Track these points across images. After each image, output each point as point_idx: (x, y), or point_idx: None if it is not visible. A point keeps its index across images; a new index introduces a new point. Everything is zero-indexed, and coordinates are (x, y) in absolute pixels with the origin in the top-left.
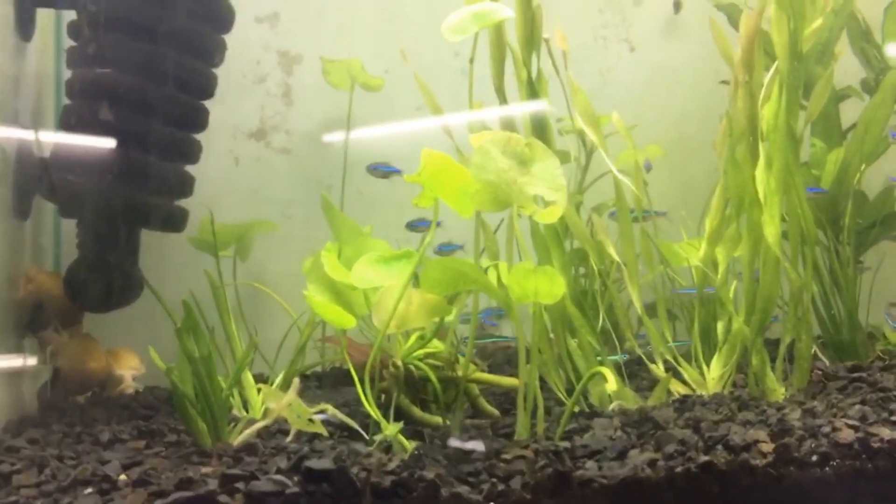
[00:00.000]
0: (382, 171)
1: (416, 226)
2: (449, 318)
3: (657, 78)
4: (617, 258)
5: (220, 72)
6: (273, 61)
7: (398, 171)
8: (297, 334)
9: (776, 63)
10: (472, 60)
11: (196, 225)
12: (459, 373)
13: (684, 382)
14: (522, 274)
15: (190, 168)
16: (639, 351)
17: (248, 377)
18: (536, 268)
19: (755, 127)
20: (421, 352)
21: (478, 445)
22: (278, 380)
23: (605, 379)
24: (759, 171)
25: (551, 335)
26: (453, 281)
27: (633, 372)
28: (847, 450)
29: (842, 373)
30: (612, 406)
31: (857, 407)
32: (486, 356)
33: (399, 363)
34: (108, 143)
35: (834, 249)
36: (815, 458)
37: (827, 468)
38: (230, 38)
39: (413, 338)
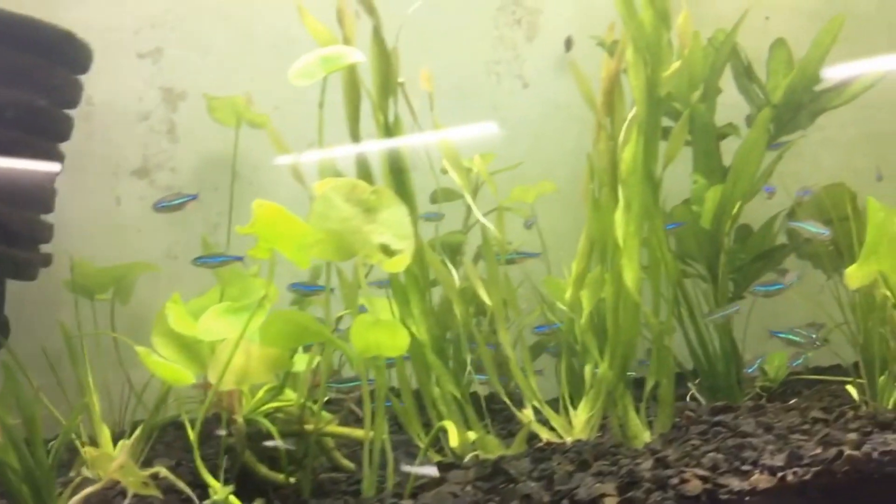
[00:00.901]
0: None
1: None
2: (300, 369)
3: (551, 113)
4: (489, 302)
5: (100, 110)
6: (157, 98)
7: (192, 198)
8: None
9: (634, 107)
10: (321, 105)
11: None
12: (311, 426)
13: (552, 429)
14: (364, 327)
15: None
16: (506, 398)
17: (105, 433)
18: (378, 320)
19: (615, 170)
20: (269, 405)
21: None
22: (137, 432)
23: (459, 430)
24: (618, 215)
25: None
26: (295, 334)
27: (510, 416)
28: (694, 503)
29: (706, 416)
30: (469, 457)
31: (711, 455)
32: (358, 402)
33: (240, 420)
34: None
35: (716, 286)
36: None
37: None
38: (110, 75)
39: (261, 391)
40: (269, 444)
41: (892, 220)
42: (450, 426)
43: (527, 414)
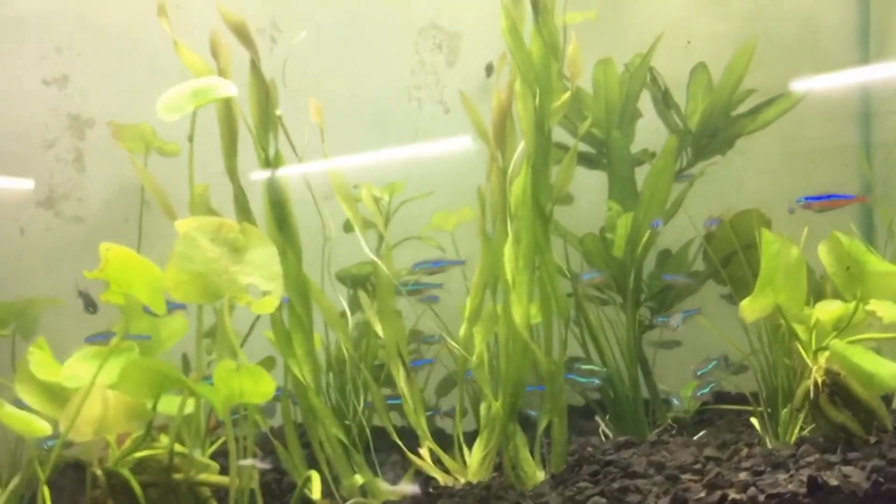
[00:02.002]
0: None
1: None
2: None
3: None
4: (381, 335)
5: (4, 137)
6: (63, 125)
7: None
8: None
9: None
10: (190, 139)
11: None
12: (180, 474)
13: (446, 471)
14: (227, 373)
15: None
16: (396, 439)
17: None
18: (241, 366)
19: (505, 204)
20: (138, 454)
21: None
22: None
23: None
24: (508, 249)
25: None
26: (156, 383)
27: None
28: None
29: (601, 454)
30: (351, 503)
31: (595, 499)
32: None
33: (98, 472)
34: None
35: (629, 314)
36: None
37: None
38: (13, 102)
39: (129, 441)
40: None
41: (786, 251)
42: (314, 477)
43: (423, 454)
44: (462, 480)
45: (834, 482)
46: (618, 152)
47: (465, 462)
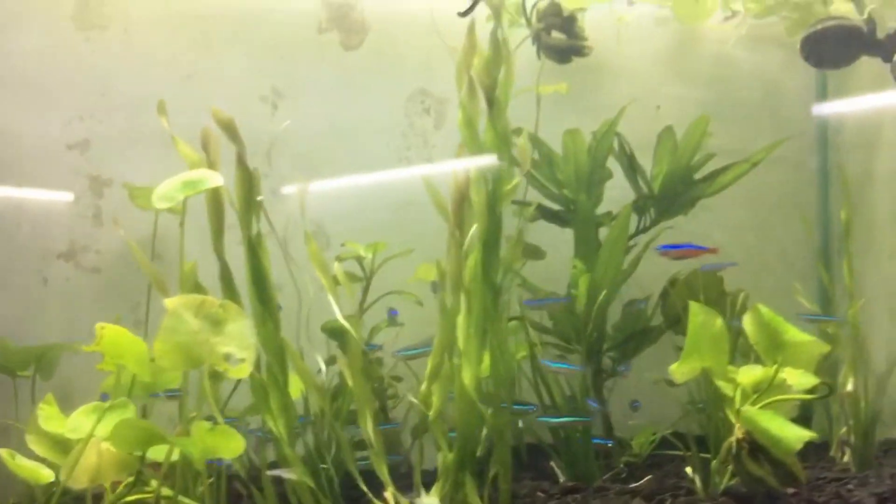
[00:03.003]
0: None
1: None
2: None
3: None
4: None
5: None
6: (83, 185)
7: None
8: None
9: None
10: (181, 224)
11: None
12: None
13: None
14: (202, 433)
15: None
16: (362, 485)
17: None
18: (214, 427)
19: (460, 277)
20: (130, 498)
21: None
22: None
23: None
24: (460, 319)
25: None
26: (144, 439)
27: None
28: None
29: (542, 500)
30: None
31: None
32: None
33: None
34: None
35: (590, 365)
36: None
37: None
38: (40, 165)
39: (121, 486)
40: None
41: (711, 321)
42: None
43: (388, 497)
44: None
45: None
46: (583, 214)
47: None
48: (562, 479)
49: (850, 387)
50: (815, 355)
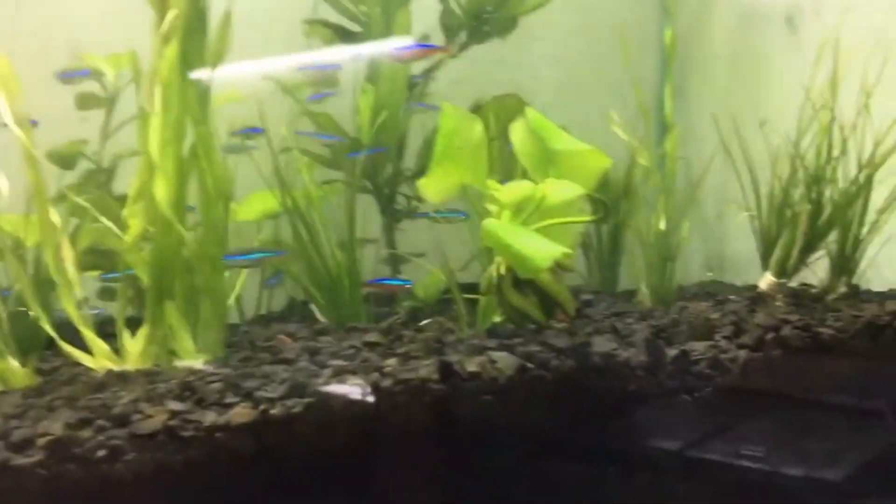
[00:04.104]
0: None
1: None
2: None
3: None
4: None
5: None
6: None
7: None
8: None
9: None
10: None
11: None
12: None
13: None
14: None
15: None
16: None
17: None
18: None
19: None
20: None
21: None
22: None
23: None
24: (155, 121)
25: None
26: None
27: None
28: (148, 441)
29: (260, 342)
30: None
31: (215, 385)
32: None
33: None
34: None
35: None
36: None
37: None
38: None
39: None
40: None
41: (468, 127)
42: None
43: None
44: (115, 369)
45: (474, 368)
46: (377, 32)
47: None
48: (322, 322)
49: (662, 225)
50: (596, 169)
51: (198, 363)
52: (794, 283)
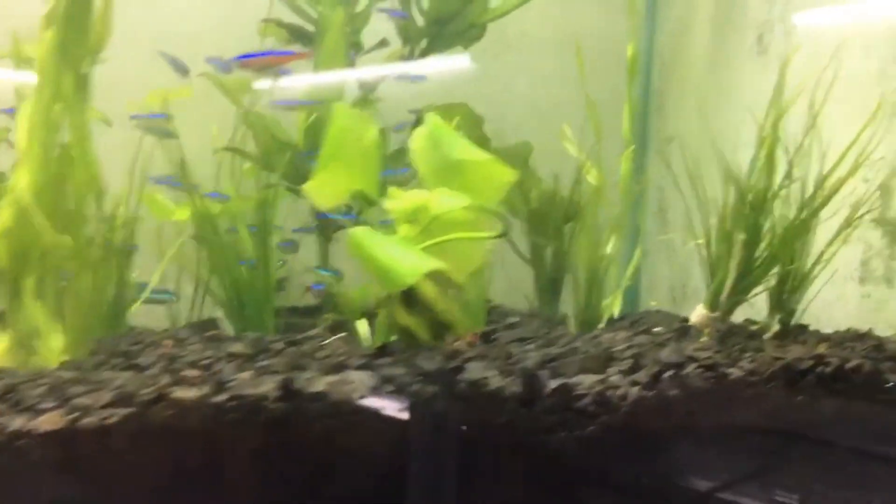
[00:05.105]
0: None
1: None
2: None
3: None
4: None
5: None
6: None
7: None
8: None
9: None
10: None
11: None
12: None
13: None
14: None
15: None
16: None
17: None
18: None
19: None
20: None
21: None
22: None
23: None
24: (26, 106)
25: None
26: None
27: None
28: None
29: (123, 346)
30: None
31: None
32: None
33: None
34: None
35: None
36: None
37: None
38: None
39: None
40: None
41: (361, 128)
42: None
43: None
44: None
45: (321, 388)
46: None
47: None
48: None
49: (609, 248)
50: (502, 182)
51: (52, 365)
52: (738, 318)
